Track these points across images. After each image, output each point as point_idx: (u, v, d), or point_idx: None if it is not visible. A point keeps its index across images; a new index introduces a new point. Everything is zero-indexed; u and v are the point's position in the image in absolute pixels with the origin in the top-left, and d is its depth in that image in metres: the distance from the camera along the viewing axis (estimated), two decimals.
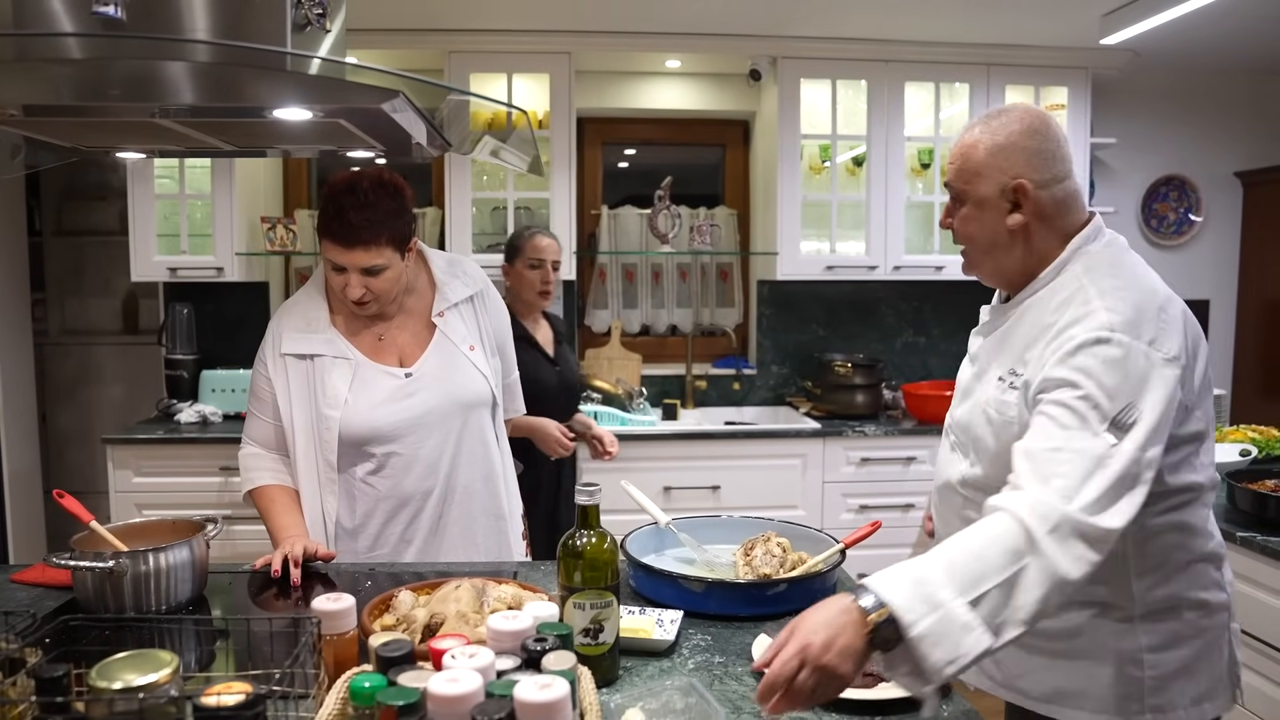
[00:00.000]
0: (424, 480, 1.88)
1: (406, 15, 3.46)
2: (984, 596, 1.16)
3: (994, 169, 1.43)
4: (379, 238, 1.76)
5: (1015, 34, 3.69)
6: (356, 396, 1.83)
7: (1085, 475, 1.22)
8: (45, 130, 1.36)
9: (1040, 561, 1.18)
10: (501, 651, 1.08)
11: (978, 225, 1.47)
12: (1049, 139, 1.43)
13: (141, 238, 3.68)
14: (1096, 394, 1.27)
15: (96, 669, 0.98)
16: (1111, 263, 1.42)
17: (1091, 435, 1.26)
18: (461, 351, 1.93)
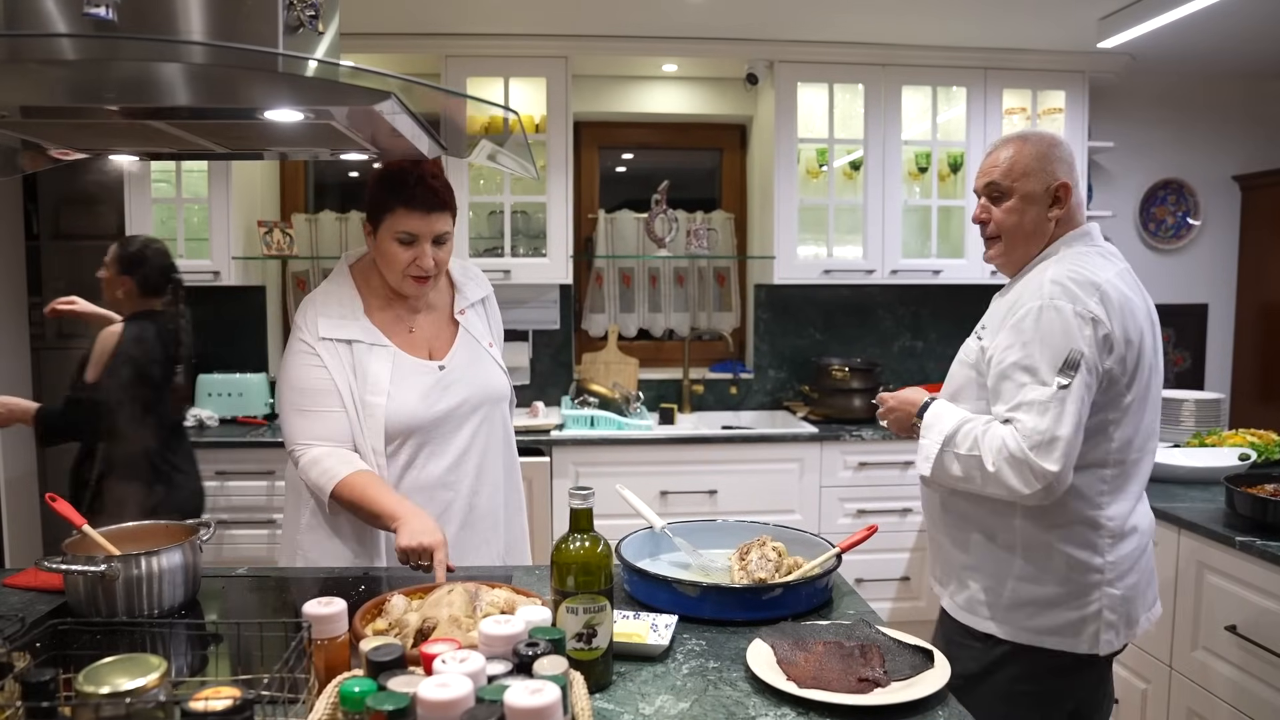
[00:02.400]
0: (454, 471, 1.91)
1: (403, 19, 3.46)
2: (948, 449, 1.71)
3: (1041, 171, 1.76)
4: (451, 204, 1.86)
5: (1012, 37, 3.69)
6: (397, 386, 1.85)
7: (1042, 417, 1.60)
8: (37, 132, 1.35)
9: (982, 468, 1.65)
10: (493, 656, 1.07)
11: (1019, 217, 1.79)
12: (1072, 156, 1.81)
13: None
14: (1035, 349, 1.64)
15: (84, 673, 0.97)
16: (1080, 254, 1.75)
17: (1040, 384, 1.62)
18: (483, 347, 2.00)
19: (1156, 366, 1.76)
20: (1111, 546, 1.72)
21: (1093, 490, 1.70)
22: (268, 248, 3.80)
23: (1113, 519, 1.71)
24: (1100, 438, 1.69)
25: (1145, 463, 1.78)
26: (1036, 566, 1.72)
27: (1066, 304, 1.64)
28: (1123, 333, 1.66)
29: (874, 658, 1.40)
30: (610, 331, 4.15)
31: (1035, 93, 3.93)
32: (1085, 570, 1.71)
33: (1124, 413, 1.70)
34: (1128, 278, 1.75)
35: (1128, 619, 1.75)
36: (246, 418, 3.77)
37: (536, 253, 3.88)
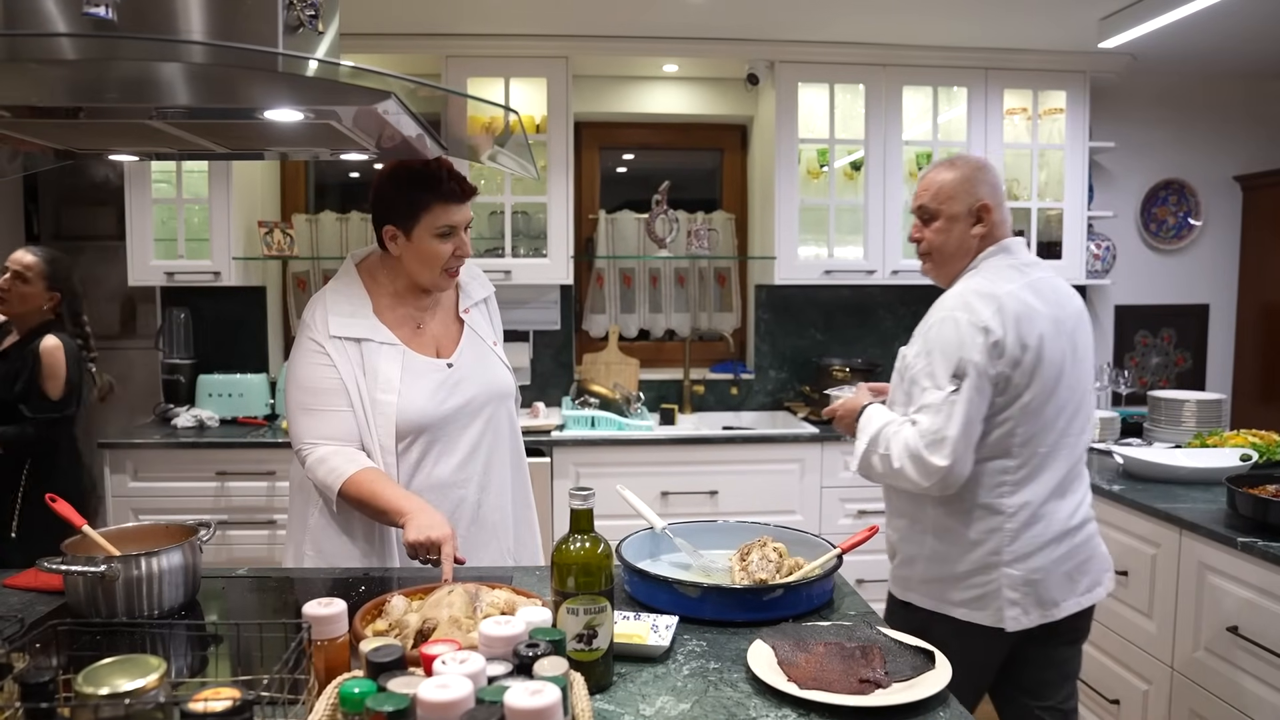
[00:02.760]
0: (463, 469, 1.92)
1: (403, 19, 3.46)
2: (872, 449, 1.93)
3: (965, 193, 1.95)
4: (471, 194, 1.89)
5: (1013, 38, 3.69)
6: (407, 384, 1.86)
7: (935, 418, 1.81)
8: (37, 132, 1.35)
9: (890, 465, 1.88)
10: (493, 657, 1.07)
11: (945, 236, 1.97)
12: (996, 178, 1.99)
13: (139, 242, 3.68)
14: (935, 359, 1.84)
15: (83, 674, 0.97)
16: (996, 268, 1.93)
17: (937, 390, 1.82)
18: (488, 345, 2.02)
19: (1069, 369, 1.89)
20: (1014, 532, 1.88)
21: (995, 481, 1.88)
22: (268, 248, 3.80)
23: (1015, 507, 1.88)
24: (1003, 433, 1.87)
25: (1060, 458, 1.91)
26: (946, 546, 1.93)
27: (963, 315, 1.83)
28: (1017, 339, 1.82)
29: (875, 659, 1.40)
30: (611, 332, 4.15)
31: (1036, 93, 3.92)
32: (987, 552, 1.89)
33: (1025, 411, 1.86)
34: (1040, 286, 1.91)
35: (1038, 600, 1.89)
36: (247, 418, 3.77)
37: (537, 253, 3.88)
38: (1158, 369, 4.42)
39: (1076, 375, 1.92)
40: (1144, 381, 4.36)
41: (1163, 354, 4.41)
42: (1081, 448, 1.97)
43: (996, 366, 1.81)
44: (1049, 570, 1.89)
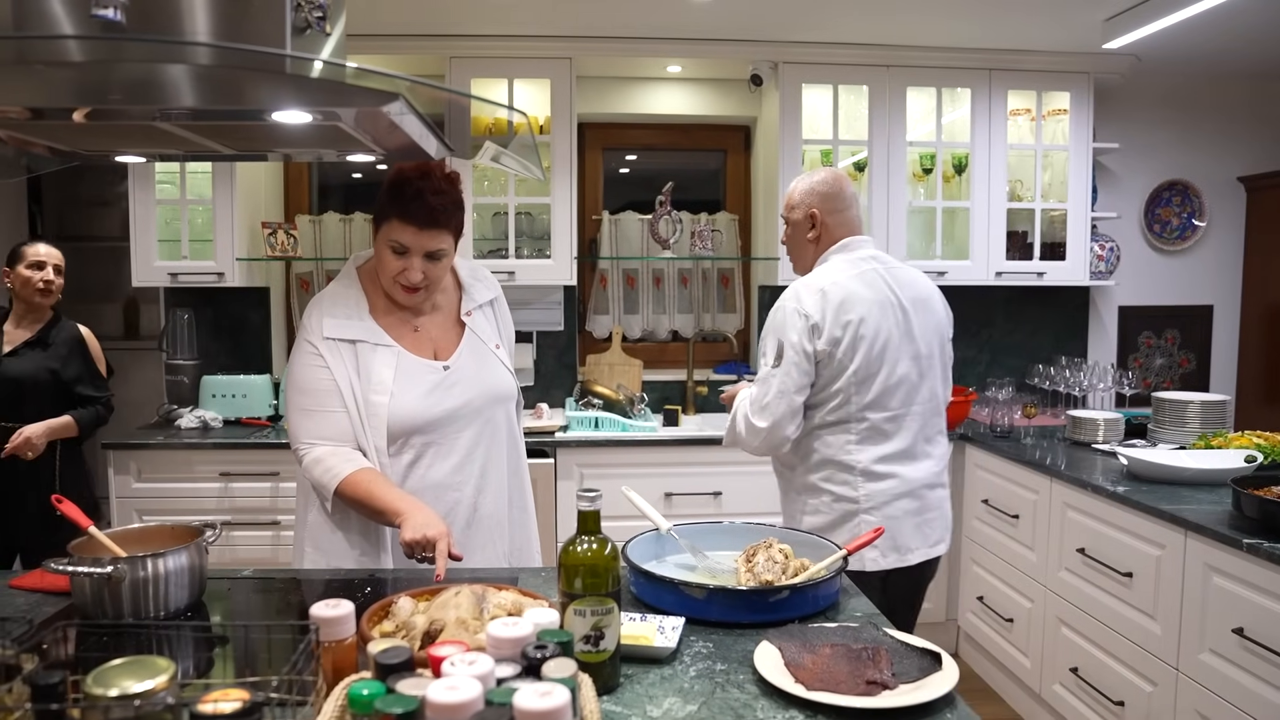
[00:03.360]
0: (459, 472, 1.91)
1: (407, 20, 3.46)
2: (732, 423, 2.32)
3: (802, 204, 2.31)
4: (450, 222, 1.84)
5: (1017, 39, 3.69)
6: (400, 386, 1.86)
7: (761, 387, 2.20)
8: (45, 134, 1.35)
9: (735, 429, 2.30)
10: (501, 659, 1.07)
11: (789, 240, 2.37)
12: (835, 188, 2.29)
13: (143, 243, 3.68)
14: (768, 340, 2.22)
15: (92, 676, 0.97)
16: (833, 264, 2.25)
17: (765, 366, 2.20)
18: (489, 349, 2.00)
19: (900, 346, 2.20)
20: (864, 484, 2.20)
21: (841, 441, 2.21)
22: (272, 249, 3.80)
23: (861, 463, 2.20)
24: (840, 401, 2.19)
25: (907, 427, 2.22)
26: (814, 501, 2.25)
27: (791, 304, 2.19)
28: (835, 321, 2.15)
29: (882, 660, 1.39)
30: (614, 333, 4.15)
31: (1040, 94, 3.93)
32: (845, 502, 2.21)
33: (853, 381, 2.17)
34: (870, 277, 2.22)
35: (894, 545, 2.21)
36: (250, 419, 3.77)
37: (541, 254, 3.88)
38: (1161, 370, 4.41)
39: (910, 356, 2.22)
40: (1147, 383, 4.36)
41: (1166, 355, 4.40)
42: (932, 421, 2.27)
43: (816, 345, 2.16)
44: (901, 520, 2.21)
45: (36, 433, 2.98)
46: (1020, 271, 3.97)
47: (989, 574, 3.45)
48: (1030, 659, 3.16)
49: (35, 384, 3.05)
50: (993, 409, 3.65)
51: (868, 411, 2.19)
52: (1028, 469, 3.17)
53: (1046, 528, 3.05)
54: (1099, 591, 2.76)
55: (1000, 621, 3.34)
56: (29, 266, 3.09)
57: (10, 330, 3.11)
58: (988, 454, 3.47)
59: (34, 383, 3.05)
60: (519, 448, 2.08)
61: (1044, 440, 3.48)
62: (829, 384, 2.18)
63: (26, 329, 3.12)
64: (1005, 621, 3.31)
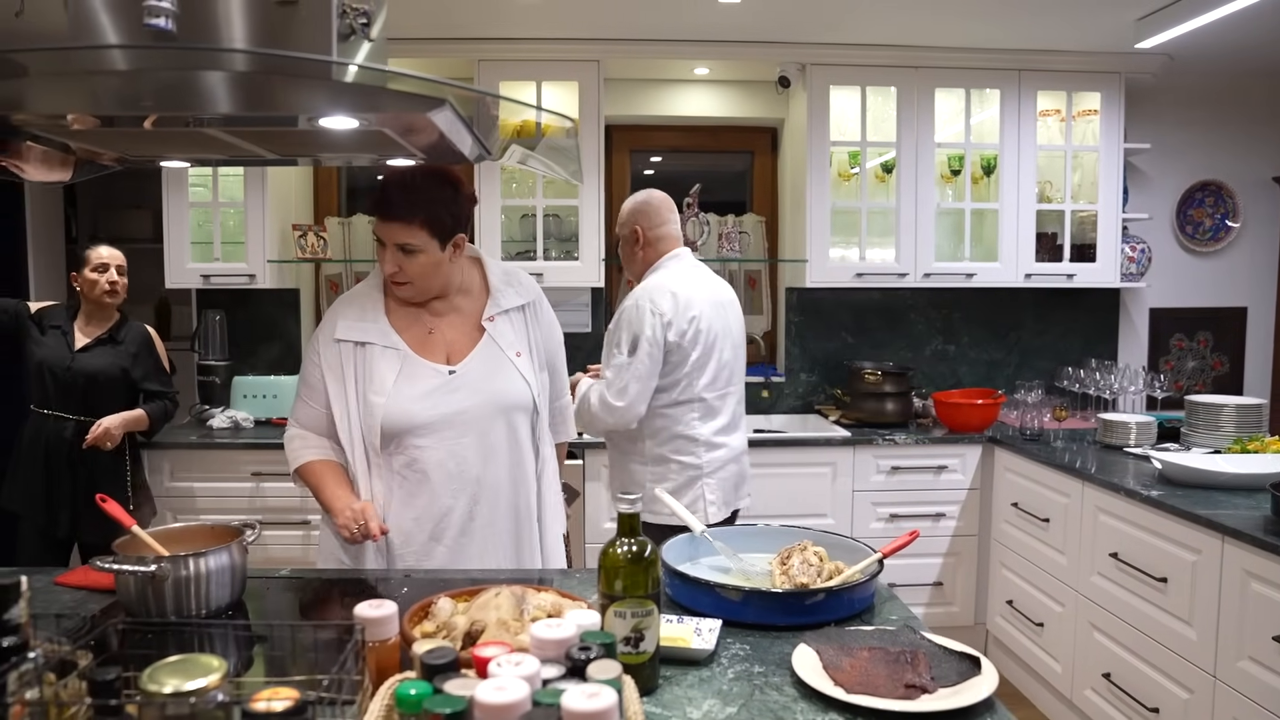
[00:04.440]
0: (454, 479, 1.89)
1: (436, 24, 3.48)
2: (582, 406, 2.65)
3: (629, 222, 2.72)
4: (413, 216, 1.82)
5: (1047, 39, 3.66)
6: (400, 387, 1.87)
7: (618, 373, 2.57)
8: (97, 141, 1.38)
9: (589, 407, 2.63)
10: (545, 660, 1.07)
11: (621, 253, 2.79)
12: (653, 207, 2.71)
13: (176, 245, 3.73)
14: (623, 333, 2.58)
15: (146, 673, 0.99)
16: (671, 270, 2.66)
17: (620, 355, 2.57)
18: (508, 356, 1.95)
19: (724, 339, 2.66)
20: (705, 453, 2.64)
21: (686, 419, 2.62)
22: (302, 251, 3.84)
23: (703, 436, 2.64)
24: (686, 384, 2.60)
25: (727, 404, 2.70)
26: (663, 469, 2.64)
27: (645, 303, 2.57)
28: (682, 317, 2.56)
29: (920, 663, 1.39)
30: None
31: (1070, 94, 3.90)
32: (690, 469, 2.63)
33: (695, 366, 2.60)
34: (699, 282, 2.67)
35: (724, 501, 2.69)
36: (281, 419, 3.80)
37: (568, 256, 3.89)
38: (1194, 373, 4.37)
39: (730, 345, 2.70)
40: (1179, 385, 4.31)
41: (1199, 358, 4.36)
42: (741, 398, 2.78)
43: (668, 337, 2.55)
44: (726, 481, 2.69)
45: (114, 424, 3.10)
46: (1050, 274, 3.94)
47: (1018, 577, 3.43)
48: (1061, 664, 3.14)
49: (109, 379, 3.17)
50: (1022, 411, 3.63)
51: (704, 392, 2.63)
52: (1059, 472, 3.15)
53: (1078, 532, 3.03)
54: (1132, 596, 2.74)
55: (1030, 626, 3.32)
56: (94, 270, 3.18)
57: (81, 328, 3.22)
58: (1017, 457, 3.44)
59: (107, 378, 3.17)
60: (525, 456, 1.98)
61: (1074, 443, 3.45)
62: (676, 369, 2.59)
63: (96, 327, 3.24)
64: (1035, 626, 3.28)
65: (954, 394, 3.90)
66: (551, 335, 2.10)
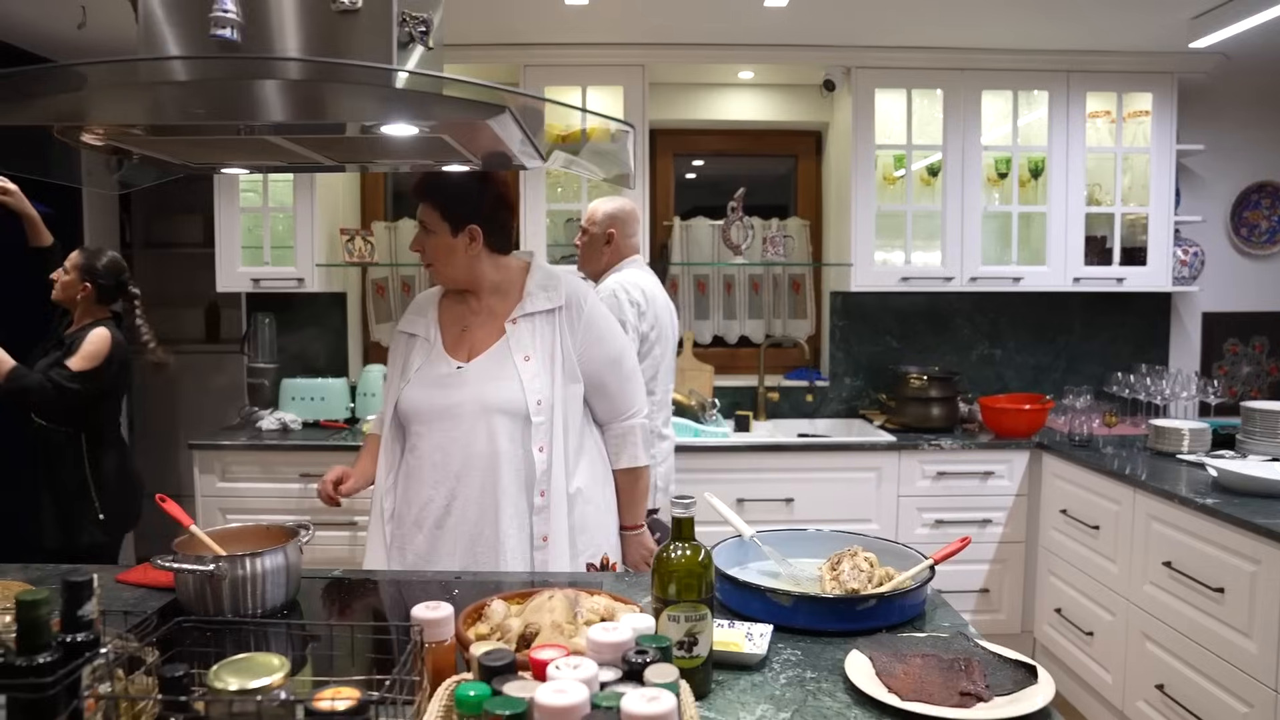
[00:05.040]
0: (438, 469, 1.95)
1: (482, 29, 3.51)
2: None
3: (603, 223, 2.90)
4: (429, 197, 1.96)
5: (1097, 39, 3.61)
6: (418, 377, 1.99)
7: None
8: (162, 149, 1.41)
9: None
10: (602, 663, 1.08)
11: (589, 246, 2.94)
12: (632, 217, 2.93)
13: (227, 249, 3.80)
14: None
15: (212, 671, 1.00)
16: (634, 271, 2.87)
17: None
18: (514, 359, 1.95)
19: (672, 335, 2.93)
20: (656, 443, 2.82)
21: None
22: (349, 255, 3.89)
23: (656, 427, 2.79)
24: (650, 376, 2.75)
25: (668, 397, 2.96)
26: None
27: (621, 294, 2.74)
28: (651, 311, 2.79)
29: (974, 671, 1.38)
30: (685, 338, 4.15)
31: (1120, 95, 3.84)
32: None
33: (654, 361, 2.82)
34: (654, 284, 2.89)
35: (664, 489, 2.88)
36: (329, 421, 3.86)
37: None
38: (1249, 379, 4.27)
39: (674, 342, 2.95)
40: (1233, 391, 4.22)
41: (1254, 363, 4.26)
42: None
43: (642, 327, 2.76)
44: (667, 474, 2.93)
45: None
46: (1099, 277, 3.88)
47: (1067, 585, 3.37)
48: (1112, 674, 3.08)
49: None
50: (1070, 417, 3.57)
51: (654, 384, 2.82)
52: (1109, 479, 3.10)
53: (1129, 539, 2.97)
54: (1187, 606, 2.68)
55: (1079, 635, 3.27)
56: None
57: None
58: (1066, 463, 3.39)
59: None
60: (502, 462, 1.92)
61: (1125, 450, 3.39)
62: (643, 359, 2.75)
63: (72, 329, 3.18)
64: (1085, 635, 3.23)
65: (1001, 399, 3.85)
66: (596, 348, 2.03)
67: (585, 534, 2.01)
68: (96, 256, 3.18)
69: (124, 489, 3.19)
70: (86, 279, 3.13)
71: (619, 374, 2.06)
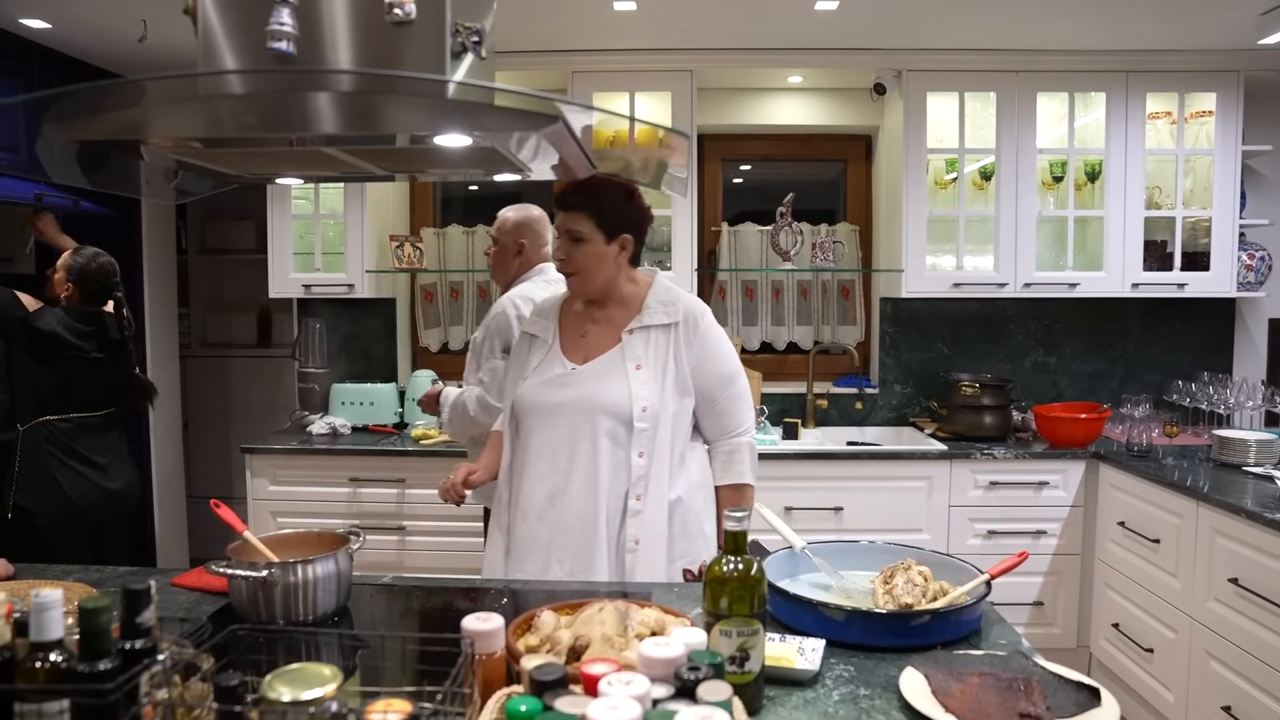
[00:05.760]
0: (542, 461, 2.02)
1: (530, 37, 3.53)
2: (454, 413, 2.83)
3: (513, 231, 2.87)
4: (583, 206, 1.99)
5: (1157, 38, 3.52)
6: (533, 375, 2.08)
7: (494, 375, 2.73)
8: (218, 160, 1.43)
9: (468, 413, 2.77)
10: (654, 679, 1.07)
11: (500, 256, 2.92)
12: (542, 227, 2.89)
13: (279, 256, 3.85)
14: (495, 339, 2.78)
15: (266, 681, 1.01)
16: (536, 282, 2.83)
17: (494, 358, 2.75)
18: (626, 367, 2.02)
19: None
20: None
21: None
22: (399, 261, 3.92)
23: None
24: None
25: None
26: None
27: (511, 309, 2.73)
28: None
29: (1034, 692, 1.34)
30: (733, 344, 4.12)
31: (1182, 95, 3.74)
32: None
33: None
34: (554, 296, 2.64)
35: None
36: (378, 426, 3.90)
37: (661, 265, 3.89)
38: None
39: None
40: None
41: None
42: None
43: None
44: None
45: None
46: (1159, 283, 3.78)
47: (1125, 600, 3.29)
48: (1174, 693, 2.99)
49: None
50: (1128, 426, 3.48)
51: None
52: (1170, 491, 3.01)
53: (1192, 554, 2.89)
54: (1256, 626, 2.59)
55: (1139, 652, 3.18)
56: None
57: None
58: (1124, 474, 3.30)
59: None
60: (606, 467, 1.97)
61: (1186, 460, 3.29)
62: None
63: None
64: (1144, 652, 3.14)
65: (1055, 407, 3.77)
66: (709, 364, 2.08)
67: (685, 540, 2.04)
68: (85, 259, 3.30)
69: None
70: (71, 280, 3.27)
71: (730, 392, 2.12)
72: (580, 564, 1.98)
